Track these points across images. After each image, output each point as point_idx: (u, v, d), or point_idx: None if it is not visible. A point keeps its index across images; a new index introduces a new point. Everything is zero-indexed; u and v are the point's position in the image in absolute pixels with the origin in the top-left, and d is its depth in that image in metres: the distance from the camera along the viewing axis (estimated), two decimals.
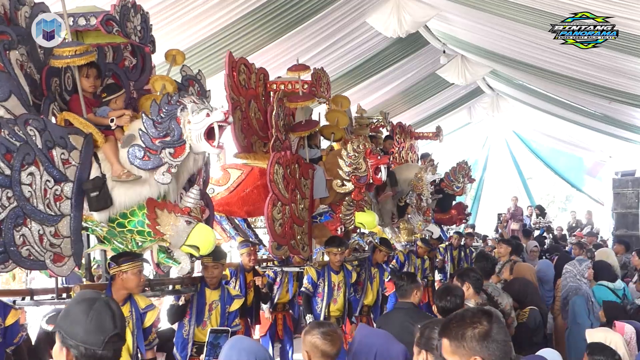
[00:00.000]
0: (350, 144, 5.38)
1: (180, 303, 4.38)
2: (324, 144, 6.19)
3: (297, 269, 5.87)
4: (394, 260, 7.66)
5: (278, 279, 6.17)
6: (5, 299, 3.49)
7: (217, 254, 4.46)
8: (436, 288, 8.37)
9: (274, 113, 4.84)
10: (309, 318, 5.51)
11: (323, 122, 6.00)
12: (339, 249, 5.46)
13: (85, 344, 1.71)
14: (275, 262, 5.87)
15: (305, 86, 5.16)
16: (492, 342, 1.82)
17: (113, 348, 1.74)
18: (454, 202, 9.66)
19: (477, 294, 4.34)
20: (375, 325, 4.70)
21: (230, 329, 2.75)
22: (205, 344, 2.53)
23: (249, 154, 4.88)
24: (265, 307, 5.99)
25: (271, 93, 5.15)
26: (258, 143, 4.98)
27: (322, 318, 5.57)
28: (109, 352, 1.72)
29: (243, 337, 2.41)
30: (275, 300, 6.03)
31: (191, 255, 3.49)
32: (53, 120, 3.34)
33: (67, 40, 3.28)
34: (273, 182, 4.60)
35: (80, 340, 1.71)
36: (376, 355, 2.80)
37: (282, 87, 5.12)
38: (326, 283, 5.60)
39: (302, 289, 5.61)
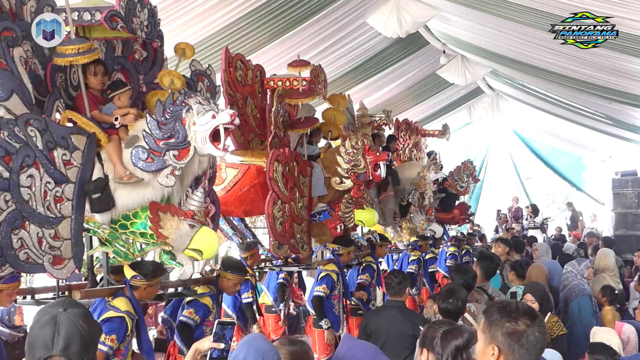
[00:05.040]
0: (348, 141, 5.32)
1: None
2: (321, 142, 6.13)
3: (295, 269, 5.84)
4: (415, 265, 7.71)
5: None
6: None
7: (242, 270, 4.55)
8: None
9: (273, 109, 4.78)
10: (325, 324, 5.40)
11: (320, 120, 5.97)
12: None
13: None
14: (273, 262, 5.83)
15: (304, 83, 5.06)
16: (517, 343, 1.82)
17: None
18: (457, 202, 9.63)
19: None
20: (364, 319, 4.63)
21: (236, 322, 2.71)
22: (212, 334, 2.51)
23: (246, 150, 4.82)
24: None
25: (268, 90, 5.07)
26: (255, 140, 4.92)
27: (342, 318, 5.61)
28: None
29: (258, 335, 2.36)
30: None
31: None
32: (58, 116, 3.26)
33: (70, 37, 3.20)
34: (273, 180, 4.53)
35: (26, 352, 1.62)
36: None
37: (280, 83, 5.02)
38: (341, 284, 5.61)
39: (318, 292, 5.47)
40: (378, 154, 5.36)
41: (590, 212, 17.20)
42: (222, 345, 2.45)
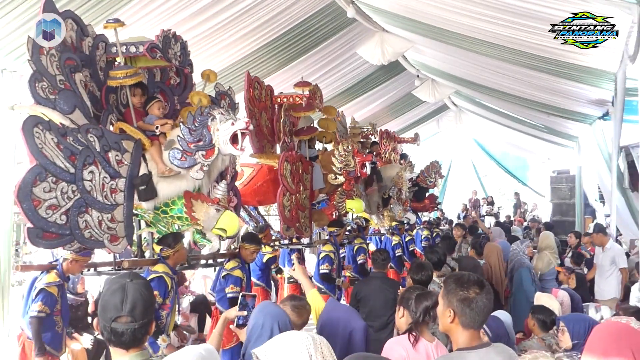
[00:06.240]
0: (341, 146, 5.35)
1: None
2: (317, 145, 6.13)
3: (299, 247, 5.82)
4: (399, 249, 7.67)
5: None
6: None
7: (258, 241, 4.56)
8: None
9: (282, 121, 4.79)
10: (339, 282, 5.59)
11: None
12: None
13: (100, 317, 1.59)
14: (281, 241, 5.81)
15: (304, 99, 5.09)
16: (468, 307, 1.79)
17: (124, 328, 1.54)
18: (427, 194, 9.62)
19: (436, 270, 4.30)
20: (355, 287, 4.63)
21: (256, 294, 2.71)
22: (238, 304, 2.51)
23: (262, 154, 4.83)
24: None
25: (276, 105, 5.09)
26: (267, 145, 4.94)
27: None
28: (119, 328, 1.54)
29: (270, 303, 2.40)
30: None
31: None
32: (111, 128, 3.30)
33: (120, 65, 3.25)
34: (283, 176, 4.53)
35: (99, 314, 1.61)
36: (340, 328, 2.64)
37: (286, 100, 5.07)
38: (337, 260, 5.60)
39: (323, 270, 5.48)
40: (364, 155, 5.40)
41: (533, 202, 17.21)
42: (245, 313, 2.47)
